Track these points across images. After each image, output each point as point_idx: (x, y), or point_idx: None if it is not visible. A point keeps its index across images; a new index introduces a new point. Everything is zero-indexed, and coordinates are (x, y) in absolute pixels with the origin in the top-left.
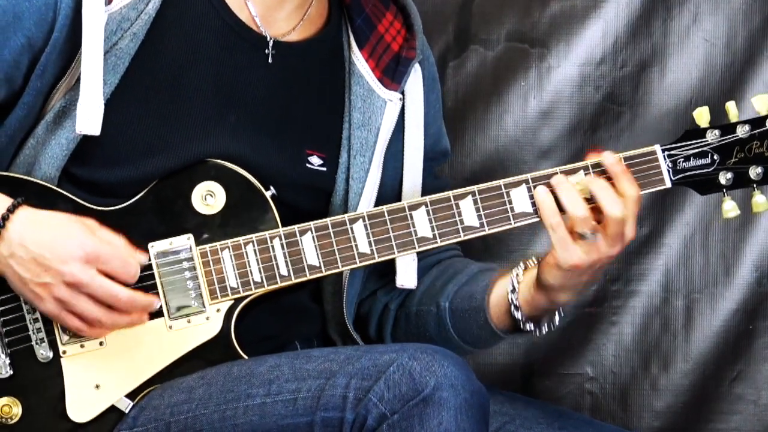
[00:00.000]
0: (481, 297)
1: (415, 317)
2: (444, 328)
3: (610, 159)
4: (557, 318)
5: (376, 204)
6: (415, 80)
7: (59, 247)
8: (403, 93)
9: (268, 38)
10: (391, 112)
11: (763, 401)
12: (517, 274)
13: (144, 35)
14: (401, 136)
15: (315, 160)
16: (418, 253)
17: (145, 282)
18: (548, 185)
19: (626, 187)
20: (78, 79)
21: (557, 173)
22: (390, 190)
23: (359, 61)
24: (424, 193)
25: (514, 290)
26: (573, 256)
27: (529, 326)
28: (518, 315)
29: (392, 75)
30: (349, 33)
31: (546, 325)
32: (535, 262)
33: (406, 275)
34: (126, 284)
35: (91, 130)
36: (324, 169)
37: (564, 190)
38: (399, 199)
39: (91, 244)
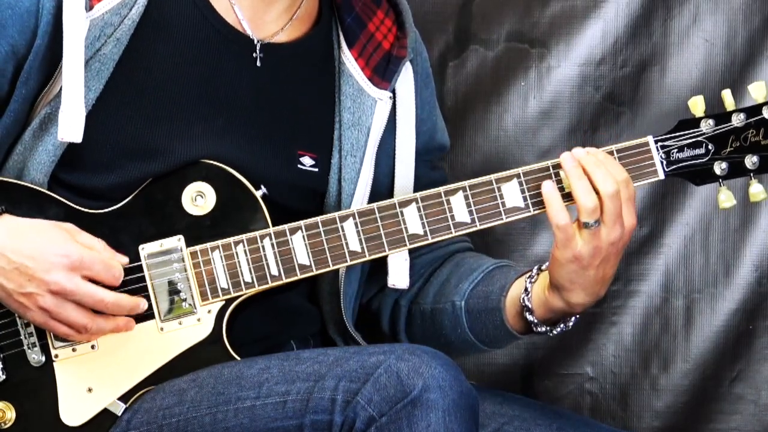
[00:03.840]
0: (497, 298)
1: (431, 316)
2: (460, 327)
3: (580, 153)
4: (572, 321)
5: (369, 203)
6: (405, 78)
7: (42, 256)
8: (393, 92)
9: (255, 41)
10: (381, 111)
11: (763, 401)
12: (531, 276)
13: (128, 40)
14: (393, 135)
15: (307, 161)
16: (427, 246)
17: (136, 284)
18: (557, 177)
19: (613, 172)
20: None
21: (549, 167)
22: (383, 189)
23: (348, 60)
24: (422, 185)
25: (527, 291)
26: (576, 248)
27: (542, 328)
28: (530, 317)
29: (382, 74)
30: (339, 32)
31: (560, 326)
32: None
33: (398, 275)
34: (111, 287)
35: (73, 138)
36: (316, 169)
37: (578, 184)
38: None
39: (74, 251)
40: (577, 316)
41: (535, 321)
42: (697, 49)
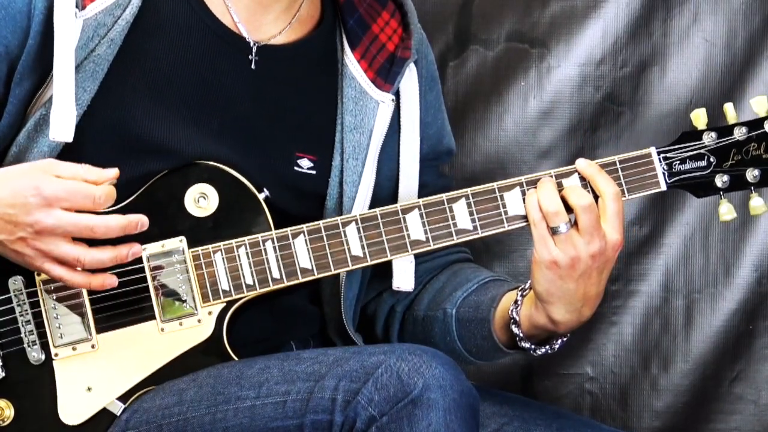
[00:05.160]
0: (487, 308)
1: (422, 322)
2: (449, 335)
3: (581, 164)
4: (558, 343)
5: (372, 207)
6: (409, 80)
7: (19, 200)
8: (397, 94)
9: (252, 43)
10: (383, 113)
11: (763, 401)
12: (523, 290)
13: (122, 41)
14: (397, 138)
15: (305, 163)
16: (427, 254)
17: (137, 284)
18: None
19: (602, 186)
20: None
21: (551, 175)
22: (386, 192)
23: (351, 62)
24: (429, 193)
25: (516, 304)
26: (551, 251)
27: (526, 344)
28: (516, 330)
29: (386, 76)
30: (342, 34)
31: (545, 348)
32: None
33: (403, 278)
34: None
35: (64, 137)
36: (314, 172)
37: (542, 189)
38: (395, 202)
39: (47, 187)
40: (564, 339)
41: (521, 335)
42: (697, 49)
